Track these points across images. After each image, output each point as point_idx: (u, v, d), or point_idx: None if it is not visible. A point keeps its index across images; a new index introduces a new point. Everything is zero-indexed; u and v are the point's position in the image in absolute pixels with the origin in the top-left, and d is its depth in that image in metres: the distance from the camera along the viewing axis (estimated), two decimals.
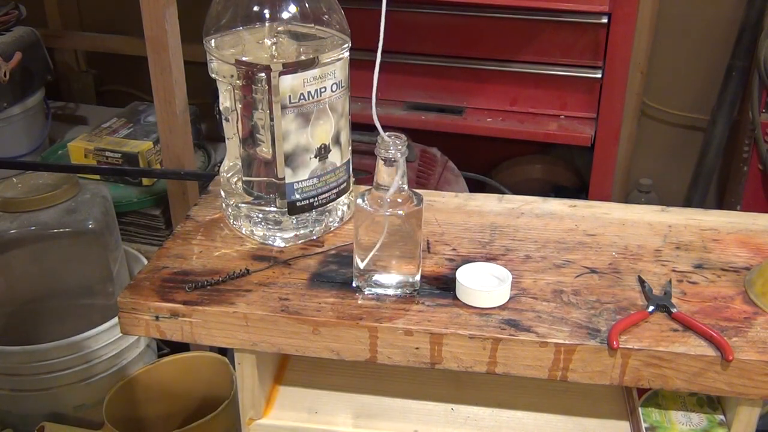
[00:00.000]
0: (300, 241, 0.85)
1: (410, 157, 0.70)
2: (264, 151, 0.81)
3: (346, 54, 0.82)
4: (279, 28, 0.81)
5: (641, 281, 0.79)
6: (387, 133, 0.72)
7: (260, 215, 0.85)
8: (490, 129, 1.87)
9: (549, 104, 1.88)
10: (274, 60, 0.79)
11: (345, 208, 0.89)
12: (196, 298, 0.76)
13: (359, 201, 0.74)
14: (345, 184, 0.87)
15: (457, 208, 0.93)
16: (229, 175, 0.88)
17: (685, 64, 2.10)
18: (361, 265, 0.76)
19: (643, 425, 0.78)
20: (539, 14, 1.77)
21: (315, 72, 0.78)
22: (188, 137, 1.40)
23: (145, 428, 1.36)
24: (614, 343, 0.70)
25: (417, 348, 0.73)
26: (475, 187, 1.95)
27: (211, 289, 0.77)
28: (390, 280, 0.76)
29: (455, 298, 0.76)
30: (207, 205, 0.93)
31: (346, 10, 0.84)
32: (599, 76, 1.80)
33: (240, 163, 0.85)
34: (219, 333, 0.76)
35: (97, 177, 1.73)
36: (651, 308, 0.74)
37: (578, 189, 2.11)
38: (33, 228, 1.43)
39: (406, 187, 0.73)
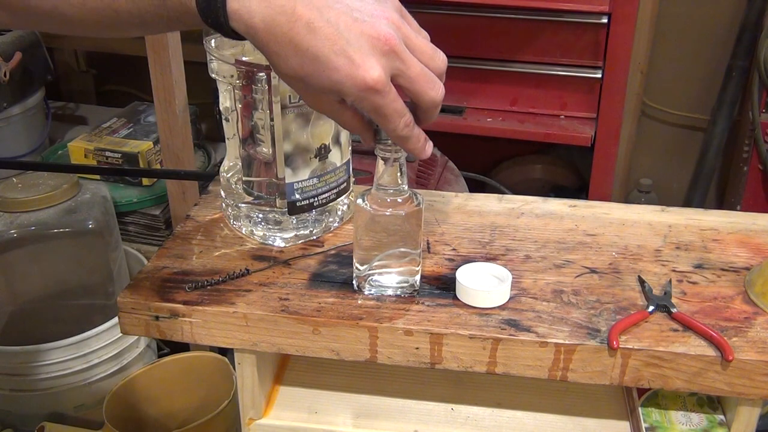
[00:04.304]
0: (300, 241, 0.85)
1: (410, 157, 0.70)
2: (264, 151, 0.81)
3: None
4: None
5: (641, 281, 0.79)
6: None
7: (260, 215, 0.85)
8: (490, 129, 1.87)
9: (549, 104, 1.88)
10: None
11: (345, 208, 0.89)
12: (196, 298, 0.76)
13: (359, 201, 0.74)
14: (345, 184, 0.87)
15: (457, 208, 0.93)
16: (229, 175, 0.88)
17: (685, 64, 2.10)
18: (361, 266, 0.76)
19: (643, 425, 0.78)
20: (539, 14, 1.77)
21: None
22: (188, 137, 1.40)
23: (145, 428, 1.36)
24: (614, 343, 0.70)
25: (417, 348, 0.73)
26: (475, 187, 1.95)
27: (211, 289, 0.77)
28: (390, 280, 0.76)
29: (455, 298, 0.76)
30: (207, 205, 0.93)
31: None
32: (599, 76, 1.80)
33: (240, 163, 0.85)
34: (219, 333, 0.76)
35: (97, 177, 1.74)
36: (651, 308, 0.74)
37: (578, 189, 2.11)
38: (33, 228, 1.43)
39: (406, 187, 0.73)
